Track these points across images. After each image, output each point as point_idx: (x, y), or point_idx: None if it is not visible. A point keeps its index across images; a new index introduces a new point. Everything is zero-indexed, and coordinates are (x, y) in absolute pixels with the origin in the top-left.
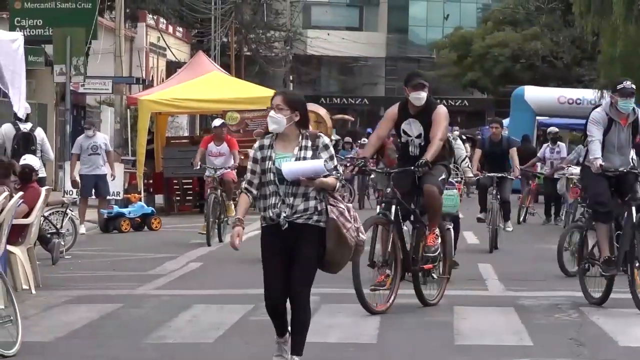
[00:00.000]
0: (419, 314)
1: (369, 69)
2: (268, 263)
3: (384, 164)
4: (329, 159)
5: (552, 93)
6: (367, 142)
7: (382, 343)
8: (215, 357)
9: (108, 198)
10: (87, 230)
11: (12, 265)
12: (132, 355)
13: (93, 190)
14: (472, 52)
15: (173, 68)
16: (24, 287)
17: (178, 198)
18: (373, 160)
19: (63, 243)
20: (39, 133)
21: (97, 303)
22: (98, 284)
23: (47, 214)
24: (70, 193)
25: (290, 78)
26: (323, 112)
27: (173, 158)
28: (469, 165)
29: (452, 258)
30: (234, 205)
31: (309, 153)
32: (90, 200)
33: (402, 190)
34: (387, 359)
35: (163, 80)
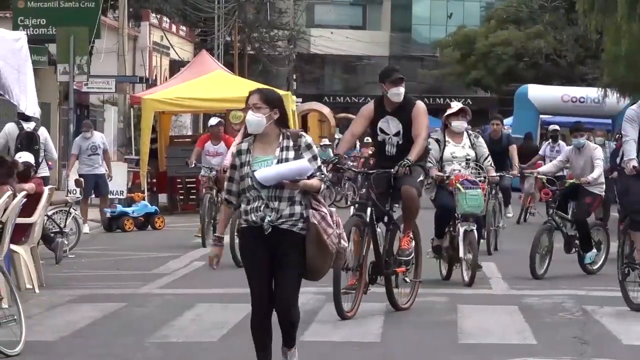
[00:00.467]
0: (423, 313)
1: (373, 68)
2: (253, 269)
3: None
4: (312, 159)
5: (555, 91)
6: (341, 139)
7: (385, 342)
8: (219, 356)
9: (110, 197)
10: (90, 230)
11: (15, 265)
12: (135, 354)
13: (92, 190)
14: (475, 50)
15: (176, 67)
16: (28, 286)
17: (181, 197)
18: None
19: (67, 242)
20: (42, 132)
21: (100, 302)
22: (101, 283)
23: (50, 213)
24: (74, 192)
25: (294, 77)
26: (327, 110)
27: (176, 157)
28: (492, 164)
29: (476, 261)
30: None
31: (291, 154)
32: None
33: (378, 191)
34: (391, 358)
35: (166, 79)
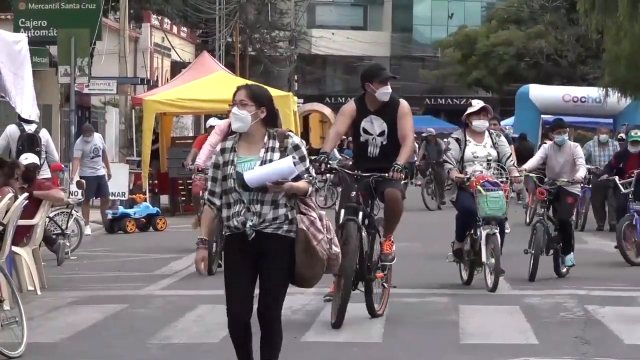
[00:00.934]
0: (424, 314)
1: None
2: (232, 275)
3: None
4: (300, 161)
5: (556, 91)
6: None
7: (387, 342)
8: (221, 357)
9: (112, 199)
10: (92, 231)
11: (17, 266)
12: (137, 356)
13: (94, 192)
14: (476, 50)
15: (178, 68)
16: (29, 288)
17: (183, 198)
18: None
19: (68, 244)
20: (44, 134)
21: (102, 304)
22: (103, 285)
23: (52, 215)
24: (76, 194)
25: (295, 78)
26: (328, 111)
27: (178, 158)
28: (515, 164)
29: (499, 266)
30: None
31: (277, 155)
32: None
33: (362, 194)
34: (392, 359)
35: (168, 81)
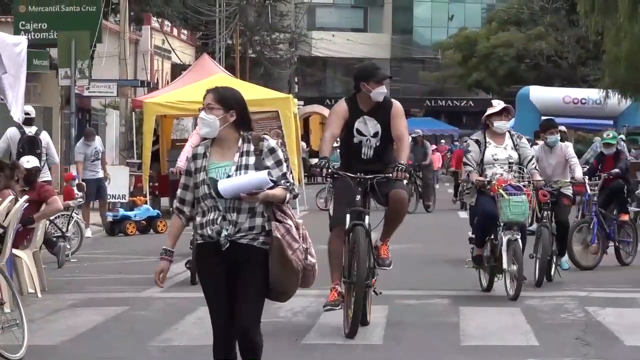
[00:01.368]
0: (425, 315)
1: None
2: (210, 291)
3: None
4: (276, 165)
5: (557, 93)
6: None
7: (388, 344)
8: None
9: (112, 201)
10: (92, 234)
11: (17, 269)
12: (138, 358)
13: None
14: (476, 52)
15: (178, 71)
16: (30, 290)
17: None
18: None
19: (69, 246)
20: (44, 137)
21: (102, 306)
22: (104, 287)
23: (52, 218)
24: (76, 196)
25: (295, 80)
26: (328, 113)
27: None
28: (537, 167)
29: (522, 273)
30: None
31: (252, 159)
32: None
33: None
34: None
35: (168, 83)
